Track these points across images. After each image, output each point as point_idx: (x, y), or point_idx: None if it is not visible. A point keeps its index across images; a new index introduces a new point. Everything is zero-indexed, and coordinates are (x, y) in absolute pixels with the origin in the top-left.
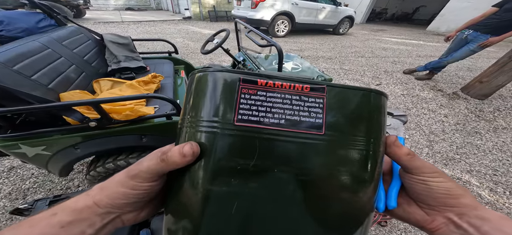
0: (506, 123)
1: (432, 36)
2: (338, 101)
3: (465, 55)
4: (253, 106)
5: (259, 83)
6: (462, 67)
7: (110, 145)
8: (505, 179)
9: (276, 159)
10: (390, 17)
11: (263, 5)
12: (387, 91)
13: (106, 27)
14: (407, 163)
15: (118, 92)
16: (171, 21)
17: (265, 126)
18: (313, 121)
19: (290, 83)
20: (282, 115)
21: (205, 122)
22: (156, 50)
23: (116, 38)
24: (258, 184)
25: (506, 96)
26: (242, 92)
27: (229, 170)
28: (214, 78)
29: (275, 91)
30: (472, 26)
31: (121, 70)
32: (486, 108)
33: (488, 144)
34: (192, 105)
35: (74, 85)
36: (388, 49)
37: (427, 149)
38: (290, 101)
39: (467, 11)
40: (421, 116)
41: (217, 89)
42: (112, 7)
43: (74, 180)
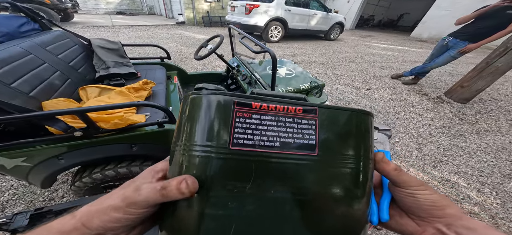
0: (487, 125)
1: (416, 42)
2: (329, 122)
3: (446, 61)
4: (248, 130)
5: (253, 106)
6: (445, 73)
7: (97, 155)
8: (491, 180)
9: (272, 181)
10: (377, 24)
11: (257, 11)
12: (376, 96)
13: (95, 32)
14: (395, 177)
15: (107, 100)
16: (164, 26)
17: (260, 149)
18: (306, 142)
19: (284, 106)
20: (276, 138)
21: (199, 146)
22: (148, 55)
23: (105, 43)
24: (255, 206)
25: (486, 99)
26: (237, 116)
27: (225, 194)
28: (208, 101)
29: (269, 114)
30: (451, 33)
31: (110, 76)
32: (468, 112)
33: (472, 145)
34: (186, 128)
35: (58, 93)
36: (376, 54)
37: (416, 152)
38: (284, 123)
39: (446, 19)
40: (409, 120)
41: (211, 112)
42: (102, 11)
43: (58, 191)
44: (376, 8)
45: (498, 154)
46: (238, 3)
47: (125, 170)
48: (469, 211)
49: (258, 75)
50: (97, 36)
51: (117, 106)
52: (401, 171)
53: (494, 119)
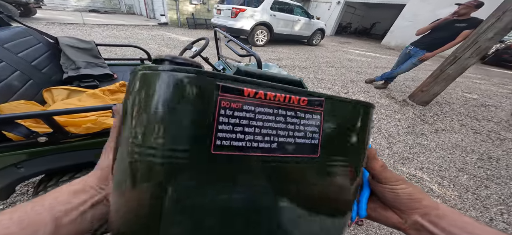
0: (443, 125)
1: (385, 49)
2: (334, 117)
3: (409, 67)
4: (237, 126)
5: (246, 93)
6: (408, 78)
7: (66, 162)
8: (448, 174)
9: (264, 189)
10: (354, 31)
11: (243, 15)
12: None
13: (62, 29)
14: (379, 174)
15: (77, 103)
16: (144, 26)
17: (253, 153)
18: (308, 142)
19: (285, 95)
20: (274, 137)
21: (159, 150)
22: (126, 56)
23: (75, 42)
24: (243, 217)
25: (442, 102)
26: (222, 107)
27: (205, 212)
28: (175, 81)
29: (266, 105)
30: (413, 42)
31: (81, 77)
32: (428, 113)
33: (432, 143)
34: (136, 121)
35: (17, 95)
36: (353, 60)
37: (388, 151)
38: (284, 118)
39: (409, 29)
40: (381, 121)
41: (181, 99)
42: (71, 7)
43: (16, 203)
44: (353, 16)
45: (453, 150)
46: (224, 6)
47: None
48: None
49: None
50: (64, 34)
51: (89, 109)
52: (386, 167)
53: (448, 119)
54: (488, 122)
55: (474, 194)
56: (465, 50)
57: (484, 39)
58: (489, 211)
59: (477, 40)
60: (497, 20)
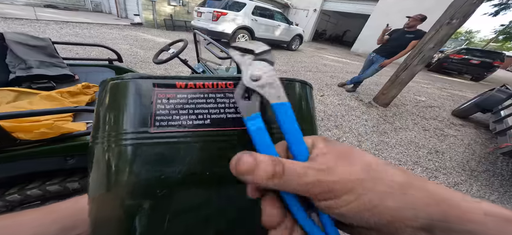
0: (400, 124)
1: (354, 56)
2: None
3: (372, 72)
4: (173, 110)
5: (177, 85)
6: (373, 82)
7: (14, 171)
8: (406, 167)
9: (205, 161)
10: (328, 38)
11: (225, 18)
12: (328, 102)
13: (8, 24)
14: (303, 190)
15: (27, 106)
16: (114, 26)
17: (188, 129)
18: (239, 115)
19: (213, 82)
20: (206, 115)
21: (120, 134)
22: (92, 57)
23: (25, 39)
24: (189, 190)
25: (398, 104)
26: (159, 97)
27: (152, 181)
28: (128, 86)
29: (197, 92)
30: (375, 49)
31: (32, 78)
32: (388, 114)
33: (392, 140)
34: (104, 118)
35: None
36: (328, 65)
37: (358, 148)
38: (214, 100)
39: (372, 37)
40: (351, 121)
41: (131, 97)
42: (21, 1)
43: None
44: (328, 23)
45: (408, 146)
46: (205, 9)
47: (57, 187)
48: None
49: None
50: (11, 30)
51: (42, 112)
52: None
53: (404, 119)
54: (434, 120)
55: None
56: (413, 58)
57: (427, 49)
58: None
59: (422, 50)
60: (436, 32)
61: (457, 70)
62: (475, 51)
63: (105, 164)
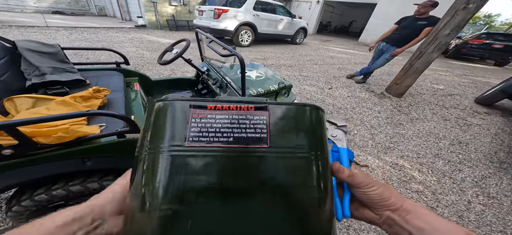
0: (417, 114)
1: (362, 46)
2: (281, 117)
3: (383, 62)
4: (204, 128)
5: (208, 107)
6: (384, 72)
7: (39, 174)
8: (425, 160)
9: (230, 174)
10: (334, 29)
11: (226, 15)
12: (337, 94)
13: (21, 33)
14: (350, 181)
15: (44, 111)
16: (119, 29)
17: (215, 144)
18: (258, 136)
19: (237, 105)
20: (230, 134)
21: (162, 147)
22: (101, 61)
23: (37, 46)
24: (215, 199)
25: (414, 94)
26: (193, 117)
27: (184, 189)
28: (171, 107)
29: (223, 113)
30: (385, 39)
31: (47, 84)
32: (403, 104)
33: (409, 132)
34: (151, 133)
35: None
36: (334, 57)
37: (371, 141)
38: (237, 121)
39: (380, 26)
40: (363, 113)
41: (173, 116)
42: (31, 8)
43: None
44: (332, 15)
45: (427, 137)
46: (206, 7)
47: (79, 187)
48: (416, 190)
49: (229, 79)
50: (24, 38)
51: (59, 117)
52: (354, 175)
53: (421, 109)
54: (455, 109)
55: (450, 178)
56: (428, 45)
57: (443, 35)
58: (466, 194)
59: (437, 37)
60: (451, 18)
61: (478, 55)
62: (497, 35)
63: (147, 171)
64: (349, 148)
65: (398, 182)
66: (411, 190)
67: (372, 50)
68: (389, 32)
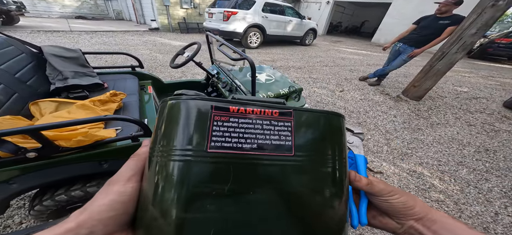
0: (438, 119)
1: (376, 47)
2: (305, 124)
3: (400, 64)
4: (226, 133)
5: (231, 110)
6: (400, 74)
7: (59, 175)
8: (448, 168)
9: (251, 182)
10: (344, 30)
11: (235, 18)
12: (349, 97)
13: (48, 37)
14: (369, 190)
15: (66, 115)
16: (134, 32)
17: (238, 151)
18: (283, 143)
19: (261, 109)
20: (254, 140)
21: (178, 150)
22: (117, 64)
23: (60, 51)
24: (234, 208)
25: (434, 97)
26: (215, 120)
27: (204, 196)
28: (187, 106)
29: (247, 117)
30: (401, 39)
31: (69, 88)
32: (422, 108)
33: (429, 138)
34: (163, 133)
35: (3, 110)
36: (346, 58)
37: (386, 147)
38: (261, 126)
39: (396, 26)
40: (377, 117)
41: (190, 117)
42: (57, 14)
43: (14, 217)
44: (343, 15)
45: (449, 144)
46: (215, 10)
47: (95, 188)
48: (436, 199)
49: (238, 82)
50: (51, 43)
51: (79, 122)
52: (373, 183)
53: (443, 113)
54: (481, 114)
55: (476, 188)
56: (451, 45)
57: (468, 35)
58: (493, 205)
59: (462, 36)
60: (478, 16)
61: (506, 55)
62: None
63: (162, 176)
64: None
65: (416, 190)
66: (431, 198)
67: (386, 50)
68: (407, 32)
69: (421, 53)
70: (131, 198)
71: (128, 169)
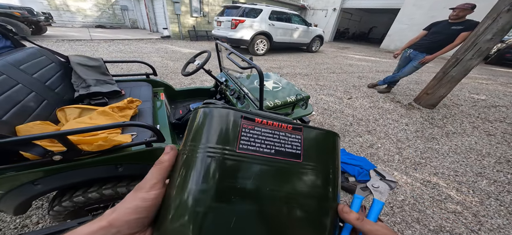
0: (454, 128)
1: (385, 53)
2: (311, 138)
3: (411, 70)
4: (251, 138)
5: (256, 120)
6: (412, 81)
7: (79, 178)
8: (466, 179)
9: (268, 180)
10: (352, 36)
11: (243, 25)
12: (357, 105)
13: (71, 46)
14: (359, 226)
15: (88, 121)
16: (148, 40)
17: (260, 154)
18: (294, 151)
19: (279, 123)
20: (272, 146)
21: (211, 148)
22: (132, 71)
23: (84, 60)
24: (254, 200)
25: (449, 105)
26: (243, 127)
27: (230, 189)
28: (221, 113)
29: (268, 128)
30: (412, 45)
31: (91, 95)
32: (436, 116)
33: (444, 147)
34: (196, 134)
35: (33, 116)
36: (353, 65)
37: (397, 156)
38: (278, 136)
39: (406, 32)
40: (387, 126)
41: (223, 122)
42: (79, 24)
43: (32, 217)
44: (350, 21)
45: (467, 154)
46: (224, 18)
47: (110, 191)
48: (452, 210)
49: (246, 90)
50: (73, 51)
51: (100, 128)
52: (364, 220)
53: (459, 122)
54: (500, 123)
55: (497, 200)
56: (466, 52)
57: (484, 41)
58: None
59: (477, 42)
60: (493, 22)
61: None
62: None
63: (197, 169)
64: (372, 162)
65: (431, 201)
66: (447, 210)
67: (397, 57)
68: (417, 38)
69: (433, 59)
70: (152, 203)
71: (152, 177)
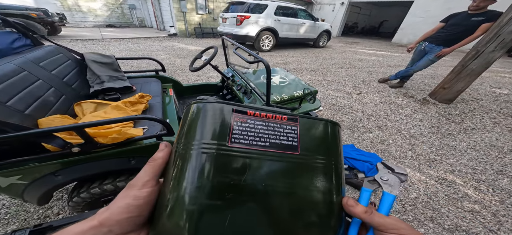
0: (473, 124)
1: (397, 47)
2: (308, 129)
3: (426, 64)
4: (244, 131)
5: (248, 113)
6: (426, 75)
7: (95, 170)
8: (485, 177)
9: (263, 174)
10: (361, 31)
11: (248, 22)
12: (367, 100)
13: (84, 45)
14: (368, 220)
15: (103, 115)
16: (155, 38)
17: (254, 147)
18: (290, 143)
19: (272, 114)
20: (266, 139)
21: (204, 144)
22: (142, 68)
23: (98, 57)
24: (248, 197)
25: (468, 99)
26: (235, 120)
27: (224, 185)
28: (213, 108)
29: (261, 120)
30: (427, 38)
31: (105, 91)
32: (453, 112)
33: (462, 144)
34: (188, 131)
35: (53, 110)
36: (363, 60)
37: (410, 153)
38: (272, 128)
39: (420, 25)
40: (400, 121)
41: (215, 117)
42: (91, 24)
43: (53, 208)
44: (359, 15)
45: (487, 151)
46: (229, 14)
47: (123, 183)
48: (470, 209)
49: (253, 85)
50: (86, 49)
51: (115, 121)
52: (373, 212)
53: (478, 117)
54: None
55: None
56: (487, 43)
57: (508, 32)
58: None
59: (500, 33)
60: None
61: None
62: None
63: (191, 166)
64: (382, 158)
65: (446, 199)
66: (464, 209)
67: (411, 51)
68: (433, 31)
69: (450, 52)
70: (145, 201)
71: (145, 175)
